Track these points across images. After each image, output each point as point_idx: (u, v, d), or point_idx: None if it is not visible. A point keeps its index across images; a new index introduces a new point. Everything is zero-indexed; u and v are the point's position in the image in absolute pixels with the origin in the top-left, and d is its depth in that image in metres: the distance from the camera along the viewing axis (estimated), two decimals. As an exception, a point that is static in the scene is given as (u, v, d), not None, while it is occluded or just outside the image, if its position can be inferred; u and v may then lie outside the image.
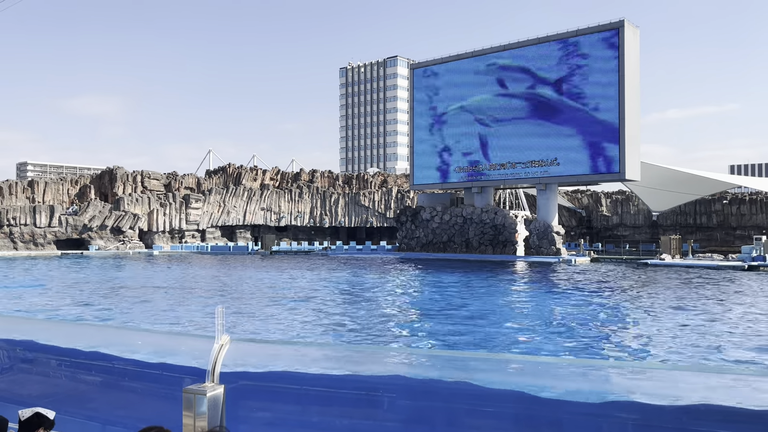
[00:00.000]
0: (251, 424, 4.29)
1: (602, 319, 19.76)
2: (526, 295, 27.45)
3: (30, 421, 3.36)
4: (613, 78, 52.76)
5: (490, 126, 60.65)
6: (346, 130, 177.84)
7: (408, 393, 4.06)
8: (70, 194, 73.87)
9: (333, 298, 25.49)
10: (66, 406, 5.04)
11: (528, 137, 57.94)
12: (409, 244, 65.01)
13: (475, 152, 61.71)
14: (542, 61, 57.35)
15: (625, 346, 15.24)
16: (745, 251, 46.86)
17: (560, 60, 56.20)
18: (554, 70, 56.52)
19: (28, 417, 3.36)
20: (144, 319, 19.19)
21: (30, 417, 3.36)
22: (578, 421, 3.60)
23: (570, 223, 76.24)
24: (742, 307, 22.30)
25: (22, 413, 3.38)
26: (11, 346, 5.59)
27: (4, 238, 64.08)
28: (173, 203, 73.60)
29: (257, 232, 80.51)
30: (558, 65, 56.32)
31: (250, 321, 18.77)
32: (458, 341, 15.49)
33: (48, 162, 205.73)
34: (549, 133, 56.53)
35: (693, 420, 3.31)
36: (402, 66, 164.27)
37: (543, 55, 57.34)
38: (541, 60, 57.44)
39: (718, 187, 66.37)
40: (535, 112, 57.59)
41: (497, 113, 60.19)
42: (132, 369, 5.00)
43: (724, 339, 15.56)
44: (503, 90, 59.87)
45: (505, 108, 59.65)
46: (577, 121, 55.00)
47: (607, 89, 53.13)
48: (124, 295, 26.38)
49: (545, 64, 57.16)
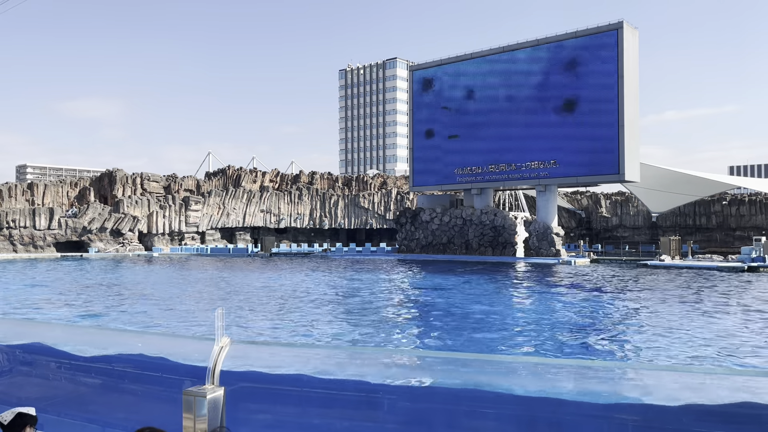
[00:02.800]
0: (251, 427, 4.28)
1: (602, 319, 19.75)
2: (527, 297, 27.43)
3: (15, 423, 3.34)
4: (612, 79, 52.82)
5: (489, 127, 60.69)
6: (345, 131, 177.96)
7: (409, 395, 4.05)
8: (70, 197, 73.86)
9: (333, 299, 25.47)
10: (65, 408, 5.03)
11: (527, 139, 57.99)
12: (409, 245, 65.01)
13: (474, 154, 61.73)
14: (541, 63, 57.43)
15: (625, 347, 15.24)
16: (745, 252, 46.89)
17: (559, 62, 56.26)
18: (553, 72, 56.58)
19: (12, 419, 3.35)
20: (144, 321, 19.17)
21: (14, 418, 3.35)
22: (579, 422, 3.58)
23: (569, 224, 76.27)
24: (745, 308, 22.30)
25: (3, 416, 3.36)
26: (10, 349, 5.58)
27: (3, 240, 64.06)
28: (173, 205, 73.60)
29: (257, 234, 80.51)
30: (557, 67, 56.38)
31: (250, 323, 18.76)
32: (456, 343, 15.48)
33: (47, 165, 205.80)
34: (548, 134, 56.58)
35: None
36: (401, 68, 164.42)
37: (542, 57, 57.42)
38: (540, 62, 57.51)
39: (718, 188, 66.41)
40: (534, 113, 57.64)
41: (496, 115, 60.23)
42: (131, 371, 4.99)
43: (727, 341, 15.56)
44: (502, 92, 59.93)
45: (503, 110, 59.70)
46: (576, 122, 55.05)
47: (606, 91, 53.17)
48: (125, 296, 26.35)
49: (544, 67, 57.23)
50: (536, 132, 57.31)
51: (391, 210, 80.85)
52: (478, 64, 61.56)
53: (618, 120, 52.49)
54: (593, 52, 54.18)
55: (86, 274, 40.55)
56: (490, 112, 60.66)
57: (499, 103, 60.03)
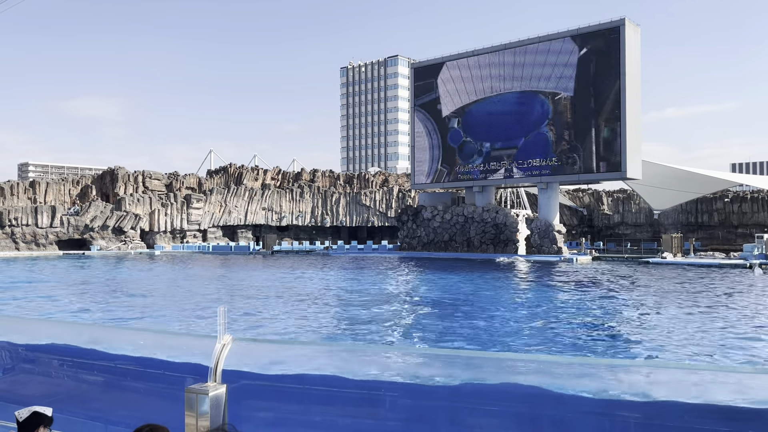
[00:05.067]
0: (254, 424, 4.29)
1: (601, 317, 19.75)
2: (529, 294, 27.43)
3: (29, 421, 3.34)
4: (614, 76, 52.70)
5: (491, 124, 60.62)
6: (347, 129, 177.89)
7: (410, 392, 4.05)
8: (72, 194, 73.95)
9: (335, 297, 25.49)
10: (68, 405, 5.04)
11: (529, 136, 57.90)
12: (411, 243, 65.02)
13: (475, 151, 61.69)
14: (543, 59, 57.30)
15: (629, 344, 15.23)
16: (747, 249, 46.83)
17: (561, 59, 56.15)
18: (555, 68, 56.48)
19: (27, 417, 3.34)
20: (147, 318, 19.20)
21: (29, 416, 3.34)
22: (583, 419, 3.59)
23: (571, 221, 76.21)
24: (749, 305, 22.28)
25: (19, 414, 3.35)
26: (12, 346, 5.59)
27: (5, 238, 64.17)
28: (174, 203, 73.66)
29: (258, 231, 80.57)
30: (559, 64, 56.27)
31: (253, 321, 18.77)
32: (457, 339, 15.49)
33: (49, 162, 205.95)
34: (550, 131, 56.50)
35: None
36: (402, 65, 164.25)
37: (544, 54, 57.30)
38: (542, 58, 57.39)
39: (720, 186, 66.31)
40: (536, 110, 57.56)
41: (498, 112, 60.15)
42: (134, 368, 5.00)
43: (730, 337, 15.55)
44: (504, 89, 59.84)
45: (506, 107, 59.62)
46: (578, 119, 54.96)
47: (608, 88, 53.07)
48: (126, 294, 26.39)
49: (546, 63, 57.12)
50: (538, 129, 57.21)
51: (393, 207, 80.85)
52: (480, 61, 61.42)
53: (620, 117, 52.40)
54: (596, 49, 54.07)
55: (90, 271, 40.61)
56: (492, 108, 60.54)
57: (501, 100, 59.90)
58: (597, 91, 53.83)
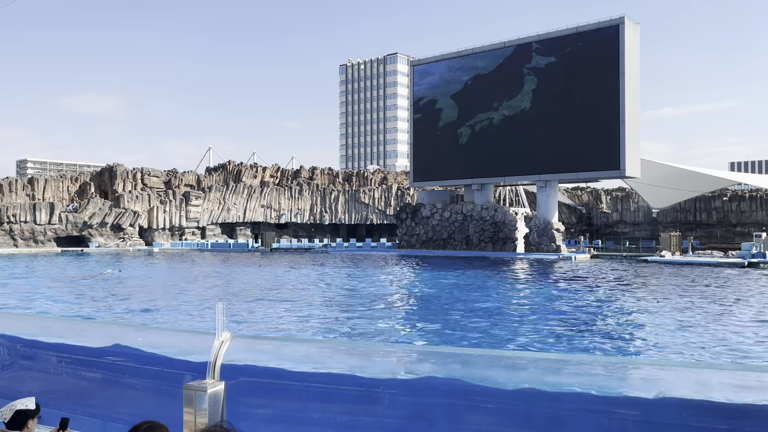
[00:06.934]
0: (252, 421, 4.30)
1: (601, 316, 19.77)
2: (527, 293, 27.45)
3: (14, 421, 3.31)
4: (614, 75, 52.65)
5: (491, 122, 60.58)
6: (346, 127, 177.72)
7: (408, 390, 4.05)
8: (70, 191, 73.86)
9: (334, 295, 25.50)
10: (67, 402, 5.05)
11: (528, 134, 57.88)
12: (409, 241, 65.03)
13: (475, 149, 61.63)
14: (542, 57, 57.27)
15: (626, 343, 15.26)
16: (745, 248, 46.86)
17: (560, 57, 56.12)
18: (554, 66, 56.45)
19: (11, 417, 3.31)
20: (145, 316, 19.19)
21: (12, 417, 3.31)
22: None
23: (570, 220, 76.26)
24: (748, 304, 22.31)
25: (2, 414, 3.31)
26: (11, 342, 5.59)
27: (4, 235, 64.12)
28: (173, 200, 73.60)
29: (257, 229, 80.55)
30: (558, 62, 56.24)
31: (251, 317, 18.78)
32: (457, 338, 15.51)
33: (48, 159, 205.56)
34: (549, 129, 56.46)
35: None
36: (402, 63, 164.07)
37: (543, 52, 57.25)
38: (541, 56, 57.35)
39: (718, 184, 66.38)
40: (535, 108, 57.53)
41: (497, 110, 60.11)
42: (132, 365, 5.00)
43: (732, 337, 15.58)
44: (504, 87, 59.78)
45: (505, 105, 59.57)
46: (577, 118, 54.91)
47: (607, 86, 53.03)
48: (125, 292, 26.38)
49: (545, 61, 57.08)
50: (537, 127, 57.17)
51: (392, 205, 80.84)
52: (479, 59, 61.39)
53: (619, 116, 52.38)
54: (595, 48, 54.02)
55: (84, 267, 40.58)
56: (491, 106, 60.50)
57: (500, 98, 59.84)
58: (596, 89, 53.78)
